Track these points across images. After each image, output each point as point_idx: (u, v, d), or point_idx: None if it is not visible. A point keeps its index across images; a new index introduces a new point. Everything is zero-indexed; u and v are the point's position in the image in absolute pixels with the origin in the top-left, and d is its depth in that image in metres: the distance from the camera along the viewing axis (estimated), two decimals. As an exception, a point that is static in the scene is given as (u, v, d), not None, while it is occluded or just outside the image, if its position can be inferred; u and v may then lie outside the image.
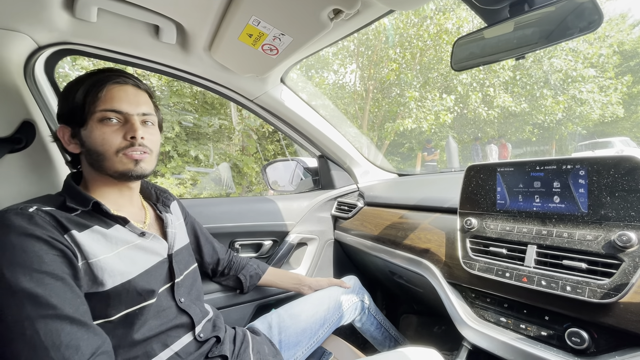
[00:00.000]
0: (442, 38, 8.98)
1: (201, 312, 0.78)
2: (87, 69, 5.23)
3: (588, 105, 10.64)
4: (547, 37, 0.67)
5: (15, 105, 0.80)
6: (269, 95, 1.20)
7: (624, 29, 13.75)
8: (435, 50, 9.49)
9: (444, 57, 9.46)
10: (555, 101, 10.51)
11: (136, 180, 0.72)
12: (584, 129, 12.53)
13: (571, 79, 10.35)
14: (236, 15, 0.75)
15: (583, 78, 10.12)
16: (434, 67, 9.91)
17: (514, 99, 10.46)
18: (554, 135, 12.56)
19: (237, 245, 1.27)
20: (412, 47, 9.54)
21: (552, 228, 0.70)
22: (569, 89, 10.48)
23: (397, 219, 1.17)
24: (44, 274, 0.52)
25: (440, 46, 9.30)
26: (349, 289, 1.15)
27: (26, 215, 0.55)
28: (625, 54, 13.44)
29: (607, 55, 10.64)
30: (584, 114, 11.15)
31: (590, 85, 10.32)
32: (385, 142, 10.54)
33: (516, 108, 10.51)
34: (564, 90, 10.58)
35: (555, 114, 10.86)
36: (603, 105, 10.80)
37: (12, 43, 0.76)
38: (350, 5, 0.67)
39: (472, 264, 0.78)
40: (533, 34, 0.69)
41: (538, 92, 10.44)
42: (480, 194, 0.85)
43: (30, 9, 0.71)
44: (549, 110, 10.74)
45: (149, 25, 0.85)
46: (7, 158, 0.79)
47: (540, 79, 10.60)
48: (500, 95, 10.10)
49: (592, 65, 10.44)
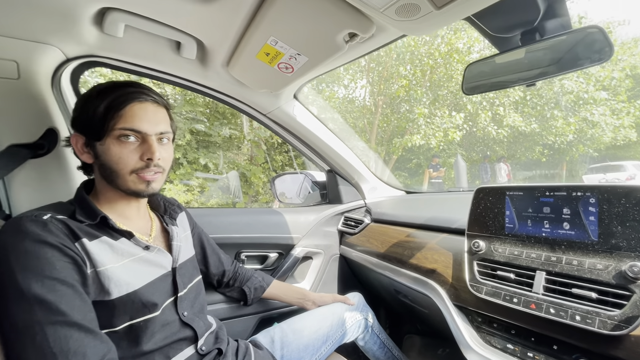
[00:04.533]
0: (452, 57, 9.09)
1: (204, 325, 0.78)
2: (106, 76, 5.41)
3: (600, 127, 10.54)
4: (558, 65, 0.69)
5: (42, 114, 0.84)
6: (281, 110, 1.23)
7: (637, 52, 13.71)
8: (446, 68, 9.59)
9: (454, 75, 9.54)
10: (566, 122, 10.43)
11: (145, 197, 0.75)
12: (595, 152, 12.36)
13: (582, 101, 10.30)
14: (255, 34, 0.78)
15: (595, 100, 10.07)
16: (443, 85, 9.98)
17: (524, 119, 10.42)
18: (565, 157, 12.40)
19: (243, 257, 1.28)
20: (422, 64, 9.66)
21: (562, 255, 0.69)
22: (580, 110, 10.42)
23: (404, 237, 1.17)
24: (55, 281, 0.54)
25: (450, 64, 9.39)
26: (353, 306, 1.14)
27: (40, 223, 0.57)
28: (638, 77, 13.35)
29: (620, 79, 10.58)
30: (596, 137, 11.03)
31: (602, 107, 10.25)
32: (393, 157, 10.55)
33: (526, 128, 10.46)
34: (575, 112, 10.52)
35: (566, 136, 10.75)
36: (615, 128, 10.68)
37: (43, 55, 0.81)
38: (366, 30, 0.70)
39: (480, 287, 0.78)
40: (544, 62, 0.70)
41: (549, 112, 10.40)
42: (488, 216, 0.85)
43: (63, 24, 0.75)
44: (559, 131, 10.65)
45: (171, 41, 0.89)
46: (29, 163, 0.82)
47: (551, 99, 10.57)
48: (510, 114, 10.09)
49: (603, 88, 10.39)
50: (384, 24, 0.69)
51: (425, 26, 0.65)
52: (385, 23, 0.66)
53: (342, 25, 0.70)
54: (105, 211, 0.68)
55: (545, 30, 0.68)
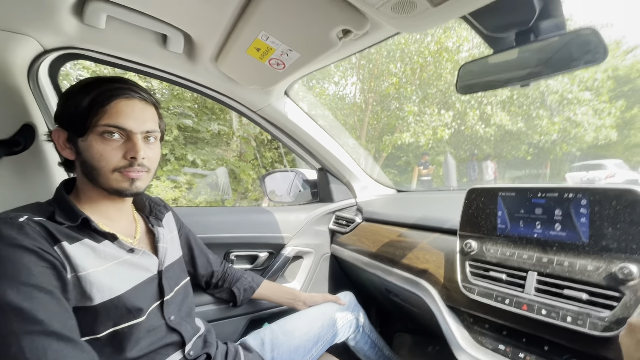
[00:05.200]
0: (442, 55, 9.16)
1: (192, 329, 0.76)
2: (89, 69, 5.22)
3: (582, 127, 10.84)
4: (552, 66, 0.68)
5: (17, 108, 0.79)
6: (272, 107, 1.20)
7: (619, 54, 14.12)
8: (435, 66, 9.66)
9: (444, 73, 9.63)
10: (550, 122, 10.69)
11: (129, 197, 0.71)
12: (578, 150, 12.72)
13: (567, 101, 10.57)
14: (245, 29, 0.75)
15: (578, 101, 10.34)
16: (433, 83, 10.06)
17: (510, 118, 10.62)
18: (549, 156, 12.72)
19: (232, 257, 1.25)
20: (412, 62, 9.70)
21: (553, 256, 0.69)
22: (564, 110, 10.68)
23: (396, 237, 1.16)
24: (32, 287, 0.50)
25: (440, 63, 9.47)
26: (344, 305, 1.13)
27: (16, 225, 0.53)
28: (619, 79, 13.77)
29: (602, 80, 10.89)
30: (579, 136, 11.35)
31: (584, 108, 10.54)
32: (382, 154, 10.61)
33: (513, 127, 10.67)
34: (559, 112, 10.78)
35: (550, 135, 11.03)
36: (597, 128, 11.01)
37: (17, 46, 0.76)
38: (360, 27, 0.68)
39: (472, 287, 0.78)
40: (538, 62, 0.70)
41: (534, 112, 10.63)
42: (480, 217, 0.85)
43: (39, 13, 0.70)
44: (544, 130, 10.91)
45: (157, 34, 0.85)
46: (4, 160, 0.78)
47: (537, 99, 10.81)
48: (497, 113, 10.26)
49: (587, 89, 10.68)
50: (379, 20, 0.67)
51: (420, 23, 0.64)
52: (380, 20, 0.65)
53: (335, 21, 0.68)
54: (87, 212, 0.64)
55: (539, 31, 0.68)
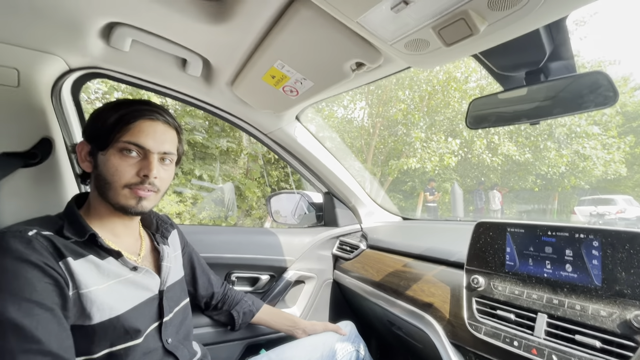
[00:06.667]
0: (450, 85, 9.33)
1: (189, 354, 0.74)
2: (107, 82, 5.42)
3: (591, 161, 10.75)
4: (562, 106, 0.69)
5: (37, 122, 0.82)
6: (282, 131, 1.22)
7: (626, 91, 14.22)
8: (443, 95, 9.82)
9: (451, 102, 9.77)
10: (558, 154, 10.64)
11: (134, 215, 0.71)
12: (586, 184, 12.56)
13: (575, 134, 10.55)
14: (263, 57, 0.78)
15: (587, 134, 10.32)
16: (440, 111, 10.19)
17: (518, 148, 10.62)
18: (557, 188, 12.57)
19: (234, 278, 1.23)
20: (421, 90, 9.89)
21: (564, 298, 0.67)
22: (572, 143, 10.65)
23: (400, 267, 1.14)
24: (34, 304, 0.50)
25: (448, 92, 9.63)
26: (345, 336, 1.09)
27: (25, 239, 0.54)
28: (628, 115, 13.79)
29: (611, 115, 10.91)
30: (587, 169, 11.23)
31: (593, 142, 10.50)
32: (388, 178, 10.60)
33: (520, 157, 10.63)
34: (567, 145, 10.75)
35: (558, 167, 10.95)
36: (606, 162, 10.91)
37: (45, 64, 0.79)
38: (373, 61, 0.70)
39: (478, 326, 0.75)
40: (548, 102, 0.71)
41: (542, 144, 10.61)
42: (488, 252, 0.83)
43: (70, 35, 0.74)
44: (552, 162, 10.84)
45: (177, 58, 0.89)
46: (20, 172, 0.79)
47: (545, 131, 10.82)
48: (504, 143, 10.27)
49: (595, 123, 10.68)
50: (392, 55, 0.69)
51: (432, 61, 0.66)
52: (393, 55, 0.67)
53: (350, 54, 0.70)
54: (95, 227, 0.65)
55: (550, 72, 0.69)
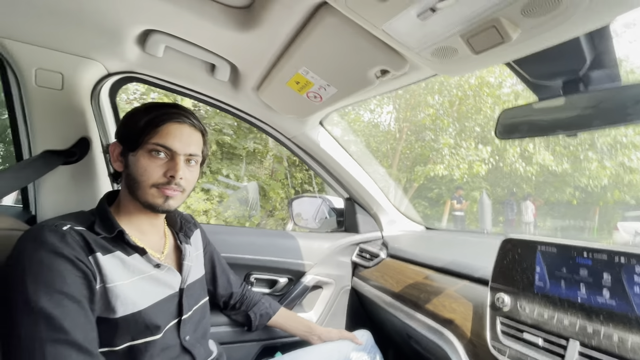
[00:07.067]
0: (482, 90, 8.99)
1: (205, 352, 0.76)
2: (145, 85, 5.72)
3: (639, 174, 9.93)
4: (603, 118, 0.64)
5: (77, 123, 0.88)
6: (306, 136, 1.23)
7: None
8: (475, 100, 9.48)
9: (483, 108, 9.40)
10: (601, 166, 9.91)
11: (161, 213, 0.75)
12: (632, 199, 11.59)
13: (620, 145, 9.80)
14: (288, 63, 0.79)
15: (634, 145, 9.55)
16: (471, 117, 9.83)
17: (555, 158, 10.01)
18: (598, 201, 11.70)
19: (253, 279, 1.25)
20: (451, 95, 9.61)
21: (600, 326, 0.62)
22: (617, 155, 9.89)
23: (421, 279, 1.10)
24: (64, 295, 0.54)
25: (480, 97, 9.28)
26: (361, 345, 1.08)
27: (59, 234, 0.58)
28: (683, 125, 12.62)
29: (662, 126, 10.04)
30: (634, 183, 10.37)
31: (641, 154, 9.71)
32: (414, 184, 10.37)
33: (557, 168, 10.01)
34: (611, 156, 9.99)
35: (600, 179, 10.18)
36: (656, 176, 10.04)
37: (86, 69, 0.85)
38: (399, 68, 0.69)
39: (502, 349, 0.71)
40: (587, 113, 0.66)
41: (582, 154, 9.94)
42: (516, 270, 0.78)
43: (109, 42, 0.79)
44: (593, 174, 10.10)
45: (206, 63, 0.93)
46: (60, 169, 0.86)
47: (586, 140, 10.13)
48: (540, 152, 9.72)
49: (644, 133, 9.87)
50: (418, 63, 0.67)
51: (461, 68, 0.64)
52: (419, 62, 0.65)
53: (375, 61, 0.69)
54: (124, 224, 0.69)
55: (590, 81, 0.64)
